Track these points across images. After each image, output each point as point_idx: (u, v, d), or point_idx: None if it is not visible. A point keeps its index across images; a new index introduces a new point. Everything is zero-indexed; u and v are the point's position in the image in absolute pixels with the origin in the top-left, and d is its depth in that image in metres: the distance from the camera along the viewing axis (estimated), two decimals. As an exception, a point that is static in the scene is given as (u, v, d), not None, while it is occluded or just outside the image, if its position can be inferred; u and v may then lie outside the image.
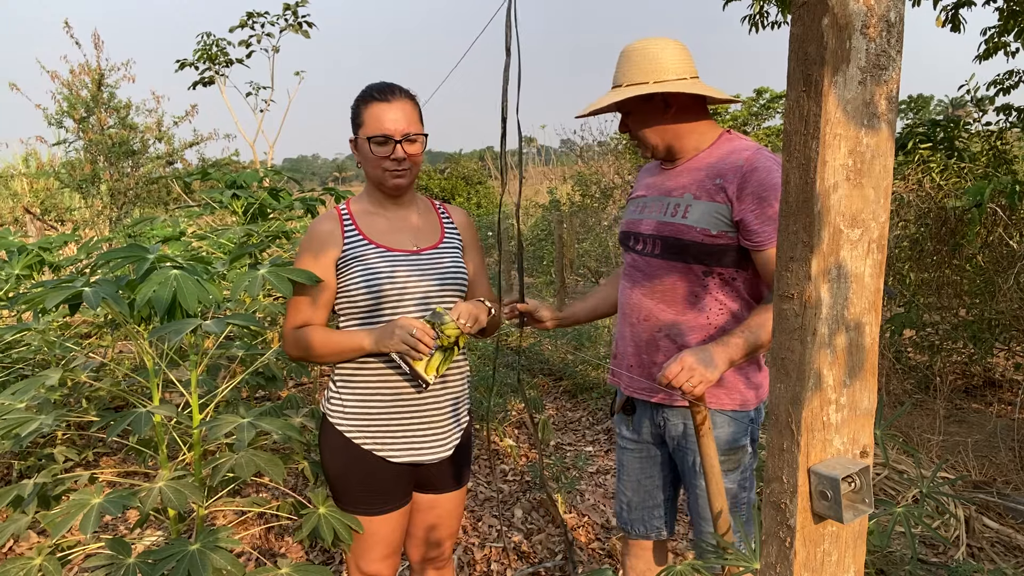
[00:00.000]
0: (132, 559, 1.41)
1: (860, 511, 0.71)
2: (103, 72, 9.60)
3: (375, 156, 1.62)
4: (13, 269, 3.02)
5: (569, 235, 8.91)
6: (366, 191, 1.74)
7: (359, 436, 1.66)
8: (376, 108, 1.61)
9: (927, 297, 4.56)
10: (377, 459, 1.67)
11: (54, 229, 9.82)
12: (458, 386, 1.74)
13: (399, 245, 1.67)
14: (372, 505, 1.69)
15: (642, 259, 1.74)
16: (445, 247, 1.72)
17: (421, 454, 1.69)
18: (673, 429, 1.75)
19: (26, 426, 1.58)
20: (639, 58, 1.62)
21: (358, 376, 1.66)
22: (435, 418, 1.69)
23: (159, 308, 1.43)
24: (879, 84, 0.67)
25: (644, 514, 1.90)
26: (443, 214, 1.81)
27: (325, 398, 1.74)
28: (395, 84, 1.66)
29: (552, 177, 16.45)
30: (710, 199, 1.60)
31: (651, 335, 1.72)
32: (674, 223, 1.65)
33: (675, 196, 1.68)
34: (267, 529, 2.97)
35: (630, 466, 1.90)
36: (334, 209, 1.72)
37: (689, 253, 1.63)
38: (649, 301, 1.72)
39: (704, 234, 1.60)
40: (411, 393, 1.66)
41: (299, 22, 8.06)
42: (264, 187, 3.51)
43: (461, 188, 20.61)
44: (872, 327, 0.73)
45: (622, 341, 1.81)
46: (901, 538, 2.59)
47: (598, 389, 4.83)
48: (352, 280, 1.61)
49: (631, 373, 1.78)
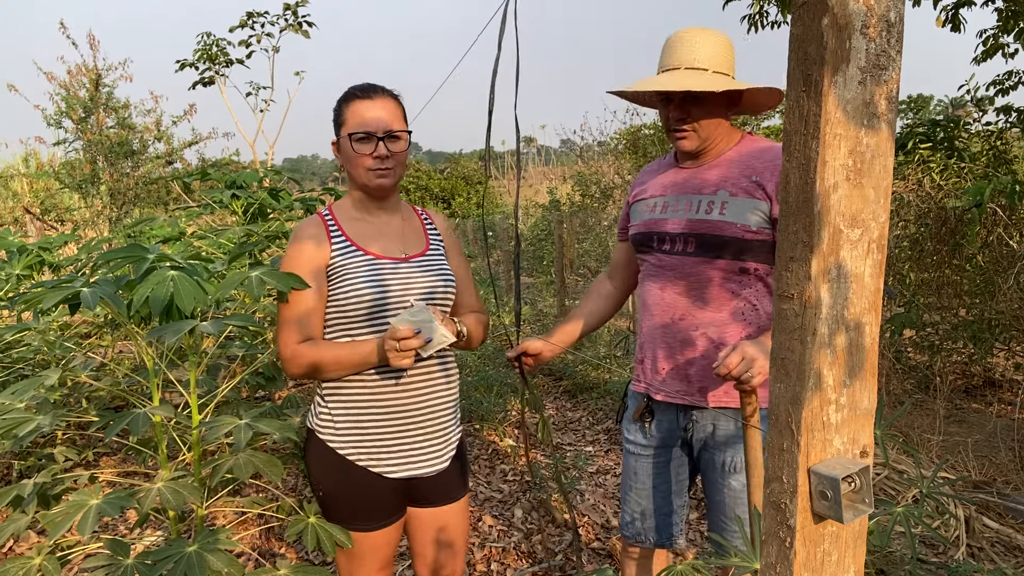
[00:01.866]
0: (131, 560, 1.41)
1: (860, 511, 0.71)
2: (100, 72, 9.60)
3: (357, 154, 1.58)
4: (13, 269, 3.02)
5: (569, 235, 8.91)
6: (349, 197, 1.68)
7: (353, 452, 1.60)
8: (358, 105, 1.58)
9: (927, 297, 4.56)
10: (373, 475, 1.61)
11: (54, 229, 9.82)
12: (450, 395, 1.70)
13: (388, 252, 1.62)
14: (367, 522, 1.63)
15: (673, 258, 1.70)
16: (432, 254, 1.69)
17: (419, 467, 1.65)
18: (701, 431, 1.71)
19: (26, 426, 1.58)
20: (723, 48, 1.60)
21: (347, 390, 1.61)
22: (429, 430, 1.64)
23: (156, 308, 1.42)
24: (879, 84, 0.67)
25: (660, 521, 1.85)
26: (425, 219, 1.77)
27: (312, 413, 1.67)
28: (377, 84, 1.63)
29: (552, 177, 16.46)
30: (748, 196, 1.59)
31: (687, 334, 1.68)
32: (710, 220, 1.63)
33: (706, 193, 1.66)
34: (267, 530, 2.97)
35: (643, 473, 1.84)
36: (316, 216, 1.64)
37: (727, 249, 1.61)
38: (685, 300, 1.68)
39: (744, 230, 1.59)
40: (405, 406, 1.61)
41: (299, 22, 8.06)
42: (264, 187, 3.52)
43: (461, 188, 20.61)
44: (872, 327, 0.73)
45: (651, 344, 1.75)
46: (901, 538, 2.59)
47: (598, 389, 4.83)
48: (342, 289, 1.56)
49: (663, 375, 1.73)
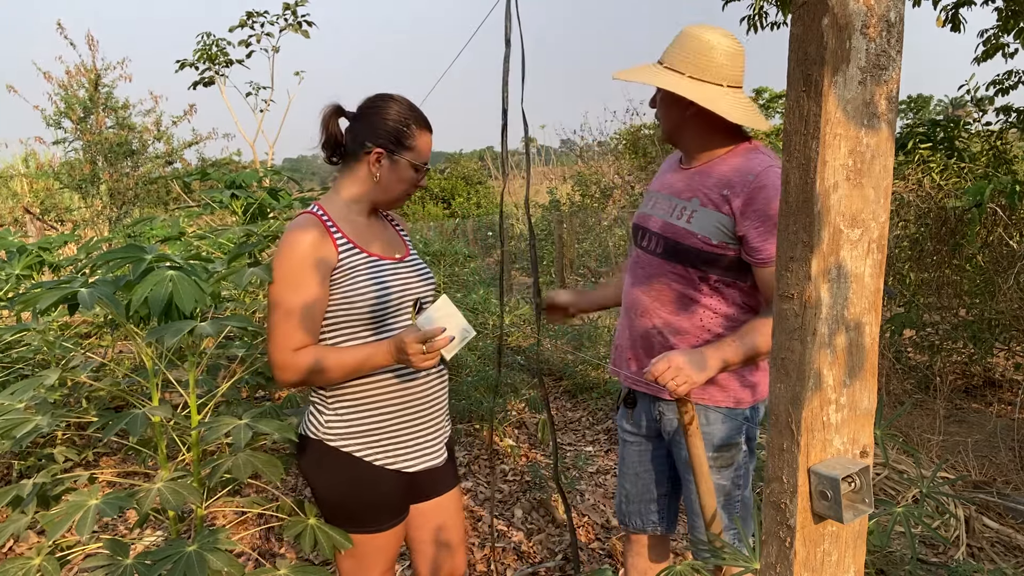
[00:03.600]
0: (130, 560, 1.41)
1: (860, 511, 0.71)
2: (99, 72, 9.60)
3: (410, 180, 1.64)
4: (13, 269, 3.02)
5: (569, 235, 8.91)
6: (346, 198, 1.63)
7: (369, 453, 1.60)
8: (427, 138, 1.63)
9: (927, 297, 4.56)
10: (389, 473, 1.62)
11: (54, 229, 9.81)
12: (446, 384, 1.76)
13: (386, 254, 1.65)
14: (378, 524, 1.63)
15: (646, 256, 1.75)
16: (413, 256, 1.75)
17: (431, 459, 1.69)
18: (668, 424, 1.77)
19: (25, 426, 1.58)
20: (691, 45, 1.60)
21: (359, 392, 1.59)
22: (435, 421, 1.70)
23: (155, 309, 1.42)
24: (879, 84, 0.67)
25: (641, 507, 1.92)
26: (394, 223, 1.80)
27: (313, 423, 1.63)
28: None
29: (552, 177, 16.46)
30: (716, 208, 1.60)
31: (646, 332, 1.74)
32: (677, 226, 1.66)
33: (683, 199, 1.68)
34: (266, 530, 2.97)
35: (629, 459, 1.92)
36: (309, 215, 1.58)
37: (687, 258, 1.64)
38: (646, 298, 1.73)
39: (704, 242, 1.60)
40: (415, 400, 1.64)
41: (298, 21, 8.06)
42: (264, 187, 3.51)
43: (461, 188, 20.61)
44: (872, 327, 0.73)
45: (622, 334, 1.83)
46: (901, 538, 2.59)
47: (598, 389, 4.83)
48: (348, 290, 1.54)
49: (629, 366, 1.80)
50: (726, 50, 1.58)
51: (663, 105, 1.69)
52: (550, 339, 6.04)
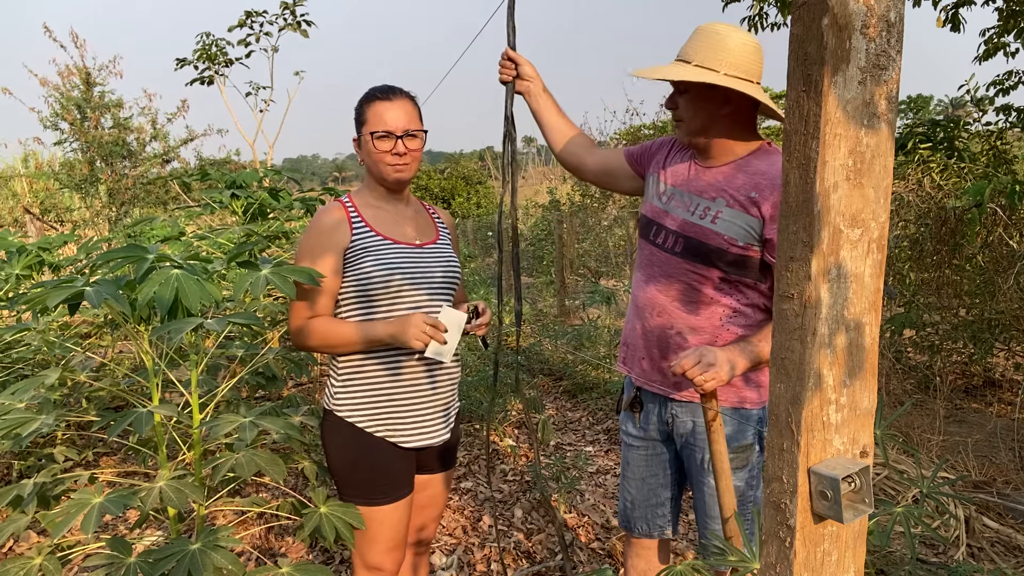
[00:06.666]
0: (132, 558, 1.41)
1: (860, 511, 0.71)
2: (90, 71, 9.62)
3: (378, 151, 1.70)
4: (13, 269, 3.02)
5: (569, 235, 8.91)
6: (367, 187, 1.81)
7: (371, 425, 1.72)
8: (379, 106, 1.70)
9: (927, 297, 4.56)
10: (389, 446, 1.73)
11: (54, 229, 9.81)
12: (456, 369, 1.84)
13: (404, 238, 1.76)
14: (383, 495, 1.73)
15: (662, 254, 1.72)
16: (442, 243, 1.84)
17: (430, 437, 1.77)
18: (682, 426, 1.75)
19: (26, 426, 1.58)
20: (717, 42, 1.57)
21: (367, 366, 1.72)
22: (440, 402, 1.78)
23: (161, 308, 1.43)
24: (879, 84, 0.68)
25: (648, 512, 1.89)
26: (433, 214, 1.93)
27: (328, 395, 1.78)
28: (396, 86, 1.76)
29: (552, 177, 16.45)
30: (743, 210, 1.58)
31: (664, 333, 1.71)
32: (701, 226, 1.63)
33: (706, 198, 1.65)
34: (267, 529, 2.97)
35: (635, 463, 1.89)
36: (337, 201, 1.77)
37: (711, 258, 1.62)
38: (664, 298, 1.71)
39: (730, 243, 1.59)
40: (421, 379, 1.73)
41: (298, 21, 8.05)
42: (264, 187, 3.51)
43: (461, 188, 20.61)
44: (872, 327, 0.73)
45: (633, 334, 1.80)
46: (901, 538, 2.59)
47: (598, 389, 4.83)
48: (363, 269, 1.67)
49: (641, 365, 1.77)
50: (751, 48, 1.58)
51: (693, 103, 1.63)
52: (550, 339, 6.04)
